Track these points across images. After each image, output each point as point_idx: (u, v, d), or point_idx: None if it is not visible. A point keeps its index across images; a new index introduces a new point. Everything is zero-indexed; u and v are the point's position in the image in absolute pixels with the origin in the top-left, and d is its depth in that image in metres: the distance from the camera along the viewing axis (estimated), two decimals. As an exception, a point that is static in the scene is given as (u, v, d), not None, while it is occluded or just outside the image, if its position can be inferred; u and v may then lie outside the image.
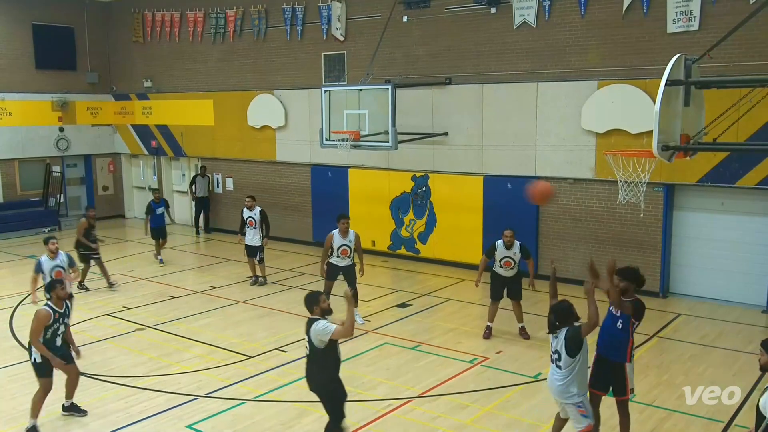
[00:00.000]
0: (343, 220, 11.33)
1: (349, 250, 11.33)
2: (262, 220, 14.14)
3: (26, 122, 20.62)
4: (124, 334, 11.24)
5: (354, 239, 11.37)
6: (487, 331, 10.98)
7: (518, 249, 10.67)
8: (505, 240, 10.64)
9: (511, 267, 10.72)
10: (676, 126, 8.36)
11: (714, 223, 12.72)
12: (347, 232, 11.34)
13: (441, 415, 8.20)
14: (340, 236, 11.33)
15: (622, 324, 6.94)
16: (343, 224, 11.30)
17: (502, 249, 10.66)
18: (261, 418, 8.14)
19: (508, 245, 10.63)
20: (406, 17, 15.41)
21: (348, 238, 11.34)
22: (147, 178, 22.61)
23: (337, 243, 11.31)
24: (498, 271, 10.82)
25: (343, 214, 11.59)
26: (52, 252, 10.79)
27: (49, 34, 21.05)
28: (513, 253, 10.65)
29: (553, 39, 13.72)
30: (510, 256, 10.66)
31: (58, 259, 10.83)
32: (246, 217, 14.16)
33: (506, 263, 10.69)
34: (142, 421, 8.10)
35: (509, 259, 10.67)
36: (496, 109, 14.54)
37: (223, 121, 19.68)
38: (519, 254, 10.68)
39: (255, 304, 12.91)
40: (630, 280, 7.11)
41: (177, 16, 20.32)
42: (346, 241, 11.33)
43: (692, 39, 11.99)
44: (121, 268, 15.72)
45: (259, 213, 14.15)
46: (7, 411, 8.42)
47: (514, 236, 10.67)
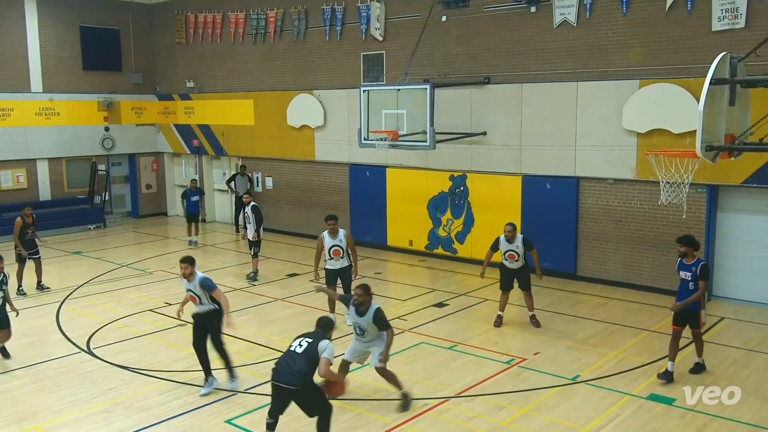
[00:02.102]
0: (330, 221, 11.41)
1: (341, 250, 11.43)
2: (253, 214, 14.51)
3: (73, 122, 21.17)
4: (166, 330, 11.47)
5: (345, 238, 11.51)
6: (498, 320, 11.54)
7: (521, 242, 11.17)
8: (506, 235, 11.17)
9: (515, 260, 11.23)
10: (721, 126, 8.21)
11: (759, 225, 12.41)
12: (336, 232, 11.44)
13: (477, 415, 8.18)
14: (329, 237, 11.41)
15: (693, 285, 8.95)
16: (330, 225, 11.39)
17: (504, 243, 11.24)
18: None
19: (509, 239, 11.16)
20: (444, 17, 15.38)
21: (338, 238, 11.43)
22: (189, 177, 22.99)
23: (327, 244, 11.40)
24: (505, 263, 11.39)
25: (330, 215, 11.63)
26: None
27: (96, 36, 21.60)
28: (516, 247, 11.16)
29: (594, 38, 13.55)
30: (513, 250, 11.18)
31: None
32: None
33: (510, 256, 11.25)
34: (182, 415, 8.26)
35: (513, 252, 11.20)
36: (535, 109, 14.42)
37: (263, 120, 19.91)
38: (522, 247, 11.16)
39: (293, 302, 13.04)
40: (688, 245, 9.06)
41: (219, 18, 20.63)
42: (337, 241, 11.42)
43: (738, 37, 11.72)
44: (162, 265, 16.03)
45: (251, 209, 14.54)
46: (54, 402, 8.66)
47: (514, 231, 11.16)
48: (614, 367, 9.59)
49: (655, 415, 8.11)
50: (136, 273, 15.42)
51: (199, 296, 8.81)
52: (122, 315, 12.29)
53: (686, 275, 9.02)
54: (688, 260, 9.04)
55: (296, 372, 6.93)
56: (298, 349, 7.09)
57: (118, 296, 13.54)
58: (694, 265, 8.97)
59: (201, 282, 8.78)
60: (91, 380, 9.36)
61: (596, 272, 14.03)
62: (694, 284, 8.92)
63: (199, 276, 8.82)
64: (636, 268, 13.58)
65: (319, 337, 7.19)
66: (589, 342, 10.69)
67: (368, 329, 8.37)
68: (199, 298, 8.83)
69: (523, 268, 11.33)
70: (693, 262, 9.01)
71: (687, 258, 9.05)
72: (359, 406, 8.45)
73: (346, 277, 11.52)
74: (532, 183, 14.61)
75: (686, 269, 9.05)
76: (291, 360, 7.04)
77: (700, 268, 8.91)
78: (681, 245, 9.09)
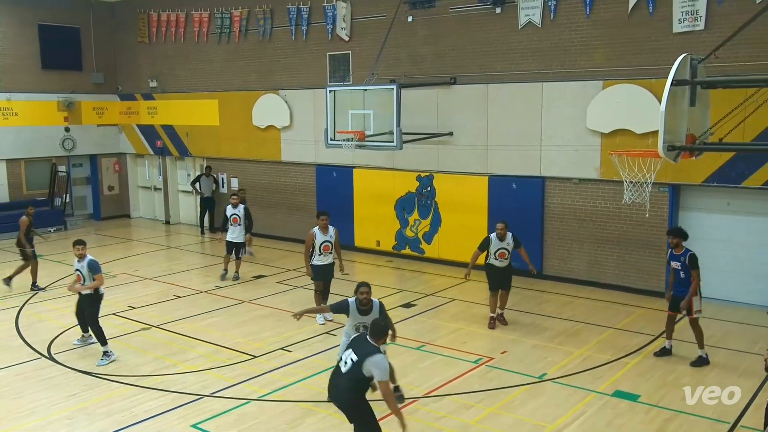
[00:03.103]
0: (323, 217, 11.52)
1: (331, 245, 11.56)
2: (245, 216, 14.40)
3: (32, 122, 20.67)
4: (130, 334, 11.27)
5: (334, 234, 11.61)
6: (492, 321, 11.48)
7: (511, 239, 11.27)
8: (498, 232, 11.18)
9: (505, 258, 11.32)
10: (682, 126, 8.34)
11: (720, 223, 12.68)
12: (327, 228, 11.52)
13: (446, 415, 8.19)
14: (321, 233, 11.47)
15: (684, 273, 9.65)
16: (323, 221, 11.48)
17: (496, 241, 11.23)
18: (266, 418, 8.15)
19: (501, 237, 11.19)
20: (411, 17, 15.41)
21: (329, 234, 11.52)
22: (152, 178, 22.67)
23: (319, 240, 11.45)
24: (493, 263, 11.36)
25: (322, 211, 11.79)
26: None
27: (55, 35, 21.11)
28: (507, 244, 11.25)
29: (559, 39, 13.69)
30: (504, 247, 11.24)
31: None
32: (230, 214, 14.44)
33: (501, 254, 11.26)
34: (147, 420, 8.11)
35: (504, 250, 11.25)
36: (501, 109, 14.53)
37: (228, 121, 19.71)
38: (512, 244, 11.27)
39: (260, 304, 12.92)
40: (679, 236, 9.75)
41: (182, 17, 20.36)
42: (328, 237, 11.50)
43: (698, 39, 11.96)
44: (126, 268, 15.76)
45: (243, 210, 14.42)
46: (14, 410, 8.45)
47: (506, 228, 11.23)
48: (580, 365, 9.70)
49: (619, 412, 8.22)
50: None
51: (85, 276, 9.97)
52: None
53: (676, 265, 9.72)
54: (678, 251, 9.70)
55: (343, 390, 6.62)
56: (344, 368, 6.61)
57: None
58: (683, 255, 9.64)
59: (89, 263, 9.94)
60: (52, 386, 9.14)
61: (562, 271, 14.18)
62: (685, 273, 9.64)
63: (88, 258, 9.98)
64: (601, 266, 13.76)
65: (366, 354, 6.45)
66: (555, 340, 10.80)
67: None
68: (84, 278, 9.97)
69: (508, 267, 11.43)
70: (681, 252, 9.67)
71: (677, 249, 9.71)
72: (328, 407, 8.38)
73: (330, 274, 11.70)
74: (499, 183, 14.71)
75: (676, 259, 9.72)
76: (337, 377, 6.73)
77: (688, 258, 9.57)
78: (672, 237, 9.82)
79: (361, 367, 6.42)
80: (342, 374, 6.61)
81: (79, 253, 9.94)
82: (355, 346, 6.67)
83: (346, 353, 6.70)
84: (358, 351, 6.56)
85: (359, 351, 6.55)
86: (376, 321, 7.08)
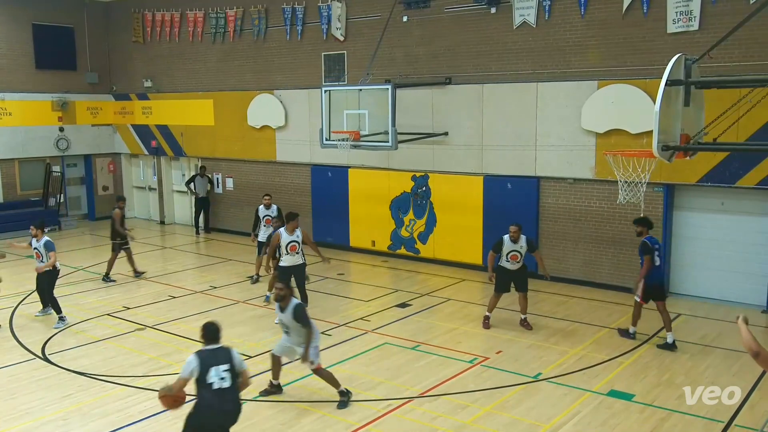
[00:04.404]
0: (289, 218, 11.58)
1: (298, 245, 11.60)
2: (278, 217, 14.18)
3: (26, 122, 20.61)
4: (124, 334, 11.24)
5: (302, 234, 11.68)
6: (486, 321, 11.47)
7: (524, 242, 11.12)
8: (511, 235, 11.07)
9: (517, 260, 11.14)
10: (676, 126, 8.37)
11: (714, 223, 12.72)
12: (294, 230, 11.55)
13: (441, 415, 8.19)
14: (287, 233, 11.51)
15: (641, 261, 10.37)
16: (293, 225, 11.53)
17: (509, 243, 11.11)
18: (260, 419, 8.13)
19: (514, 239, 11.07)
20: (405, 17, 15.41)
21: (296, 234, 11.54)
22: (147, 178, 22.62)
23: (285, 240, 11.45)
24: (505, 265, 11.24)
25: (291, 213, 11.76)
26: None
27: (49, 34, 21.04)
28: (520, 247, 11.10)
29: (553, 39, 13.71)
30: (517, 250, 11.10)
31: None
32: (263, 215, 14.23)
33: (513, 257, 11.12)
34: (142, 421, 8.10)
35: (516, 253, 11.10)
36: (496, 109, 14.54)
37: (223, 121, 19.68)
38: (525, 247, 11.11)
39: (254, 305, 12.91)
40: (645, 225, 10.50)
41: (177, 16, 20.31)
42: (294, 237, 11.52)
43: (692, 39, 11.99)
44: (120, 268, 15.71)
45: (277, 210, 14.23)
46: (8, 411, 8.42)
47: (519, 231, 11.09)
48: (575, 365, 9.71)
49: (615, 411, 8.24)
50: (93, 277, 15.08)
51: (42, 254, 11.59)
52: (79, 320, 12.00)
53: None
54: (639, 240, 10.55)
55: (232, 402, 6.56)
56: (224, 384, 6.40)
57: (75, 300, 13.21)
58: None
59: (45, 243, 11.63)
60: (46, 387, 9.11)
61: (557, 271, 14.17)
62: (641, 260, 10.37)
63: (45, 238, 11.68)
64: (595, 266, 13.79)
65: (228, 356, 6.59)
66: (551, 340, 10.81)
67: (291, 327, 8.24)
68: (42, 256, 11.59)
69: (521, 270, 11.23)
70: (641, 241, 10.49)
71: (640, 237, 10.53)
72: (322, 407, 8.40)
73: (299, 274, 11.62)
74: (494, 183, 14.73)
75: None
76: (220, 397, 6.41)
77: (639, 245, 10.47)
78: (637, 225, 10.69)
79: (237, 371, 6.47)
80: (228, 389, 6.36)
81: (35, 234, 11.68)
82: (211, 361, 6.43)
83: (215, 370, 6.36)
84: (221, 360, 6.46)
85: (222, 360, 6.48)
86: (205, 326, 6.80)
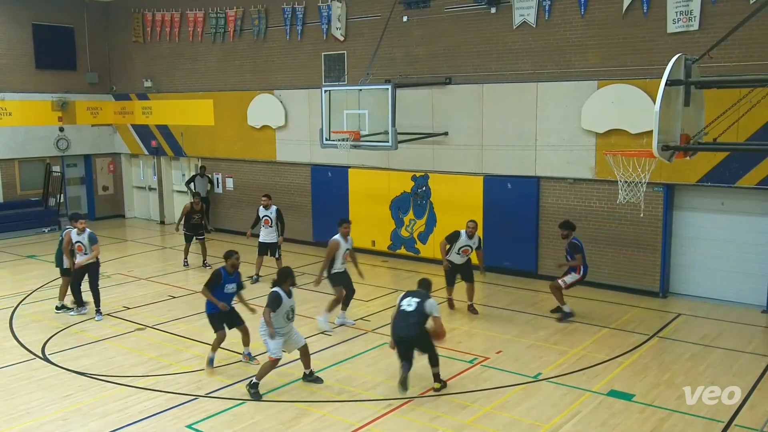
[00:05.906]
0: (345, 225, 11.47)
1: (271, 220, 12.15)
2: (277, 218, 14.25)
3: (26, 122, 20.62)
4: (124, 334, 11.24)
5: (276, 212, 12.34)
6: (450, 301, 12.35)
7: (477, 240, 11.84)
8: (468, 231, 11.68)
9: (467, 254, 11.86)
10: (676, 126, 8.37)
11: (714, 223, 12.71)
12: (348, 235, 11.42)
13: (441, 415, 8.19)
14: (343, 240, 11.33)
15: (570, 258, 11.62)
16: (345, 228, 11.39)
17: (464, 238, 11.70)
18: (261, 418, 8.14)
19: (471, 235, 11.69)
20: (405, 17, 15.41)
21: (349, 242, 11.42)
22: (147, 178, 22.62)
23: (342, 248, 11.28)
24: (453, 258, 11.83)
25: (344, 219, 11.82)
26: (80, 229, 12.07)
27: (49, 34, 21.05)
28: (473, 243, 11.79)
29: (553, 39, 13.71)
30: (470, 245, 11.76)
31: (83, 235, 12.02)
32: (262, 215, 14.27)
33: (465, 251, 11.81)
34: (142, 421, 8.09)
35: (468, 248, 11.79)
36: (496, 109, 14.54)
37: (223, 121, 19.68)
38: (477, 244, 11.82)
39: (254, 305, 12.86)
40: (571, 228, 11.63)
41: (177, 16, 20.32)
42: (348, 245, 11.40)
43: (692, 39, 11.99)
44: (120, 268, 15.72)
45: (275, 211, 14.24)
46: (8, 411, 8.42)
47: (476, 228, 11.79)
48: (575, 365, 9.71)
49: (614, 411, 8.24)
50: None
51: (86, 247, 11.81)
52: (79, 320, 12.00)
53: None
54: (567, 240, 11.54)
55: (412, 325, 8.44)
56: (409, 308, 8.51)
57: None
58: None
59: (89, 236, 11.84)
60: (46, 387, 9.11)
61: (557, 271, 14.16)
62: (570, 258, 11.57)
63: (87, 231, 11.90)
64: (595, 266, 13.73)
65: (424, 297, 8.63)
66: (550, 340, 10.81)
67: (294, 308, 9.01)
68: (85, 248, 11.81)
69: (467, 263, 11.96)
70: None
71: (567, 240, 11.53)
72: (323, 407, 8.40)
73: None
74: (494, 183, 14.73)
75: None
76: (404, 317, 8.50)
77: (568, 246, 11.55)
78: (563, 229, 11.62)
79: (424, 306, 8.50)
80: (408, 313, 8.48)
81: (82, 227, 11.81)
82: (413, 294, 8.69)
83: (407, 299, 8.63)
84: (416, 296, 8.65)
85: (417, 295, 8.65)
86: (423, 278, 9.08)
